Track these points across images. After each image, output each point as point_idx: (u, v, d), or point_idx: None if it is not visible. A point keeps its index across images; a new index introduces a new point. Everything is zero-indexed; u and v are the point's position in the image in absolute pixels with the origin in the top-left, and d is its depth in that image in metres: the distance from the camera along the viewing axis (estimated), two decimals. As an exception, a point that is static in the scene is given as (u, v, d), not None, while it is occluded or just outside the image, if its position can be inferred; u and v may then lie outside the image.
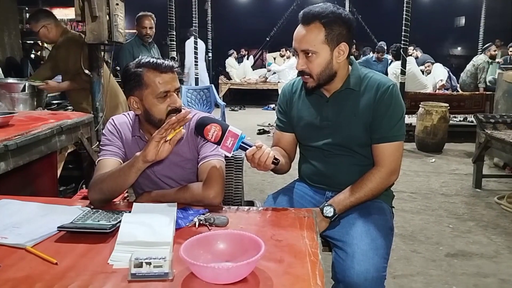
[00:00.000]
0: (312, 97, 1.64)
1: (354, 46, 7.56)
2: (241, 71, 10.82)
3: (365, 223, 1.47)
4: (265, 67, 11.43)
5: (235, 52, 11.16)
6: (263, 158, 1.36)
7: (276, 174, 1.68)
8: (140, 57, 1.50)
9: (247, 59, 11.55)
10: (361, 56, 9.02)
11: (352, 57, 1.62)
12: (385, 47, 7.62)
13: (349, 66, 1.59)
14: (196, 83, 7.82)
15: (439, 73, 7.40)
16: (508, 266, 2.60)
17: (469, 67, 7.01)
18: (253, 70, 11.18)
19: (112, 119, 1.62)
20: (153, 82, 1.44)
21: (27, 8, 9.58)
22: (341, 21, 1.48)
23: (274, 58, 11.38)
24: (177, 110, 1.48)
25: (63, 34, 3.35)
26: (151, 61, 1.46)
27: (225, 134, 1.33)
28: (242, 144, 1.35)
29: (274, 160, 1.39)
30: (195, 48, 7.95)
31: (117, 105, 3.54)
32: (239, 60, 11.52)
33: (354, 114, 1.56)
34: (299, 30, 1.51)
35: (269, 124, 7.20)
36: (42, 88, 3.28)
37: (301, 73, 1.55)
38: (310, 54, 1.49)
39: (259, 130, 7.02)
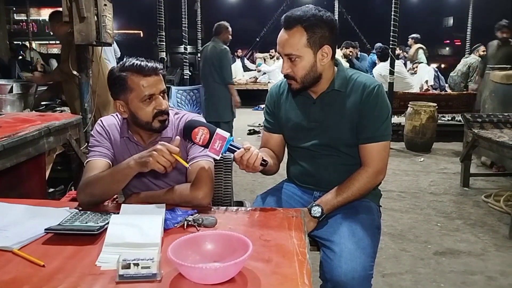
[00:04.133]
0: (299, 99, 1.65)
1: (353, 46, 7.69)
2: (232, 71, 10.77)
3: (353, 223, 1.48)
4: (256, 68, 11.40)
5: None
6: (251, 160, 1.37)
7: (265, 175, 1.68)
8: (124, 60, 1.49)
9: (237, 58, 11.52)
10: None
11: (338, 58, 1.63)
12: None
13: (335, 68, 1.60)
14: (187, 84, 7.79)
15: (425, 73, 7.46)
16: (495, 263, 2.63)
17: (460, 66, 7.05)
18: (244, 70, 11.17)
19: (101, 120, 1.61)
20: (138, 86, 1.44)
21: (14, 9, 9.49)
22: (322, 23, 1.48)
23: (264, 59, 11.37)
24: (163, 113, 1.49)
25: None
26: (134, 64, 1.44)
27: (213, 137, 1.34)
28: (230, 147, 1.36)
29: (262, 162, 1.40)
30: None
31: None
32: (233, 60, 11.50)
33: (340, 115, 1.57)
34: (282, 34, 1.52)
35: (259, 124, 7.21)
36: (29, 79, 3.38)
37: (286, 76, 1.57)
38: (294, 58, 1.50)
39: (249, 130, 7.04)
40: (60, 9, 2.94)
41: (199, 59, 5.22)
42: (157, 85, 1.47)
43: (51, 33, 3.86)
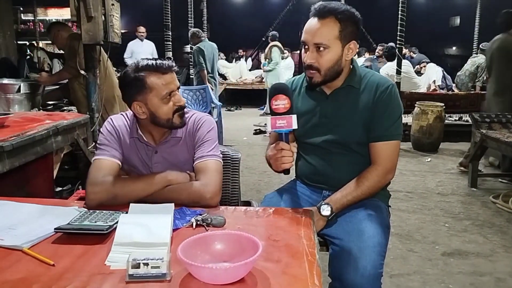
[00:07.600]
0: (312, 94, 1.65)
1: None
2: (236, 71, 10.78)
3: (362, 221, 1.47)
4: (261, 68, 11.39)
5: (222, 54, 11.09)
6: (288, 159, 1.39)
7: (276, 172, 1.67)
8: (136, 62, 1.48)
9: (245, 60, 11.54)
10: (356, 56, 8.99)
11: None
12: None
13: (350, 65, 1.61)
14: (193, 83, 7.80)
15: (433, 73, 7.40)
16: (504, 264, 2.61)
17: (467, 66, 6.96)
18: (250, 70, 11.17)
19: (111, 119, 1.60)
20: (157, 85, 1.44)
21: (21, 8, 9.55)
22: (354, 19, 1.52)
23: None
24: (182, 108, 1.50)
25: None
26: (150, 63, 1.45)
27: (287, 115, 1.33)
28: (285, 133, 1.37)
29: (288, 169, 1.43)
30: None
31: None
32: (237, 59, 11.52)
33: (352, 112, 1.57)
34: (313, 23, 1.50)
35: (265, 124, 7.20)
36: (36, 80, 3.43)
37: (309, 67, 1.54)
38: (322, 49, 1.49)
39: (255, 130, 7.03)
40: (57, 18, 3.00)
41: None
42: (174, 82, 1.49)
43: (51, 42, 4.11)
